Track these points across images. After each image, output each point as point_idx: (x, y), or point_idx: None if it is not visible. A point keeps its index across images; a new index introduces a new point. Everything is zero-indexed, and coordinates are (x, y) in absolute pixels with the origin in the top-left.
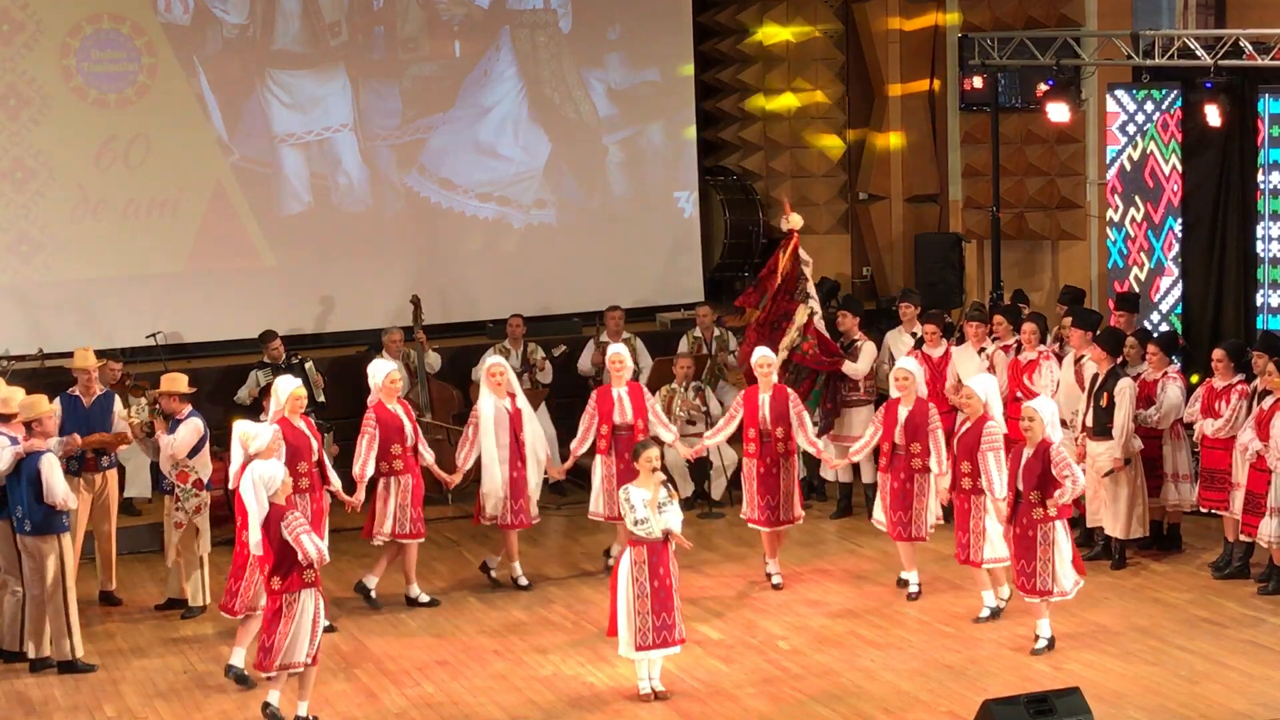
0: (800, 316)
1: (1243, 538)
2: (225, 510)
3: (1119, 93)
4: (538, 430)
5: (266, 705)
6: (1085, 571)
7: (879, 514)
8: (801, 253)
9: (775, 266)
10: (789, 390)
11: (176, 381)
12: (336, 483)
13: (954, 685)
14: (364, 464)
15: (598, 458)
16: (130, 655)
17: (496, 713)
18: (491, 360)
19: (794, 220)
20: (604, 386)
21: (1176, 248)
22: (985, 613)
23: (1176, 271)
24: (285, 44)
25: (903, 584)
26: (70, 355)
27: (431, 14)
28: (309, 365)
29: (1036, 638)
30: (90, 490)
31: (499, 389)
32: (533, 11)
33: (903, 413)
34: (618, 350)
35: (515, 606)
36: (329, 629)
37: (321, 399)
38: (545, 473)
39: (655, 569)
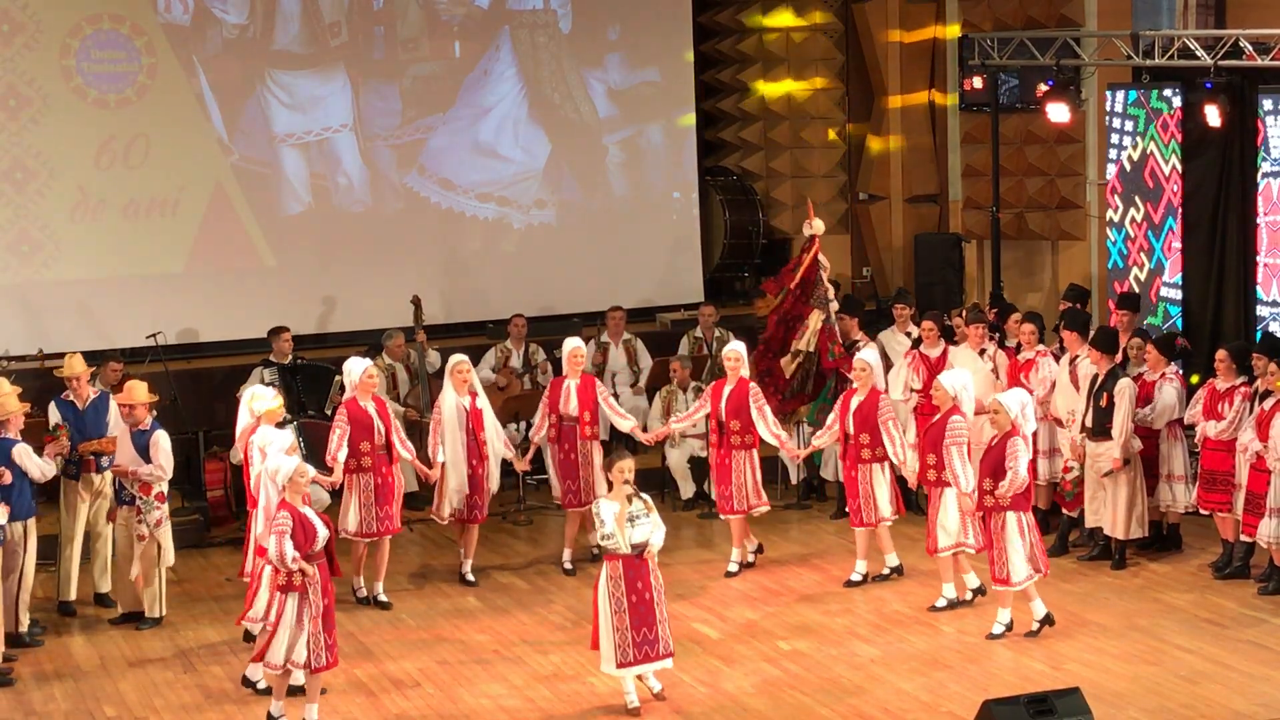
0: (814, 322)
1: (1243, 538)
2: (225, 511)
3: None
4: (496, 427)
5: (270, 717)
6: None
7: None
8: (821, 258)
9: (796, 266)
10: (751, 385)
11: (137, 391)
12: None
13: (954, 685)
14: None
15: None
16: (131, 657)
17: (496, 713)
18: (456, 358)
19: (816, 226)
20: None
21: (1177, 248)
22: (941, 602)
23: (1177, 272)
24: (285, 44)
25: (882, 576)
26: (71, 355)
27: (431, 14)
28: (338, 379)
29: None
30: (89, 492)
31: (462, 386)
32: (533, 12)
33: (854, 403)
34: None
35: (515, 606)
36: None
37: (329, 411)
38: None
39: (633, 583)
